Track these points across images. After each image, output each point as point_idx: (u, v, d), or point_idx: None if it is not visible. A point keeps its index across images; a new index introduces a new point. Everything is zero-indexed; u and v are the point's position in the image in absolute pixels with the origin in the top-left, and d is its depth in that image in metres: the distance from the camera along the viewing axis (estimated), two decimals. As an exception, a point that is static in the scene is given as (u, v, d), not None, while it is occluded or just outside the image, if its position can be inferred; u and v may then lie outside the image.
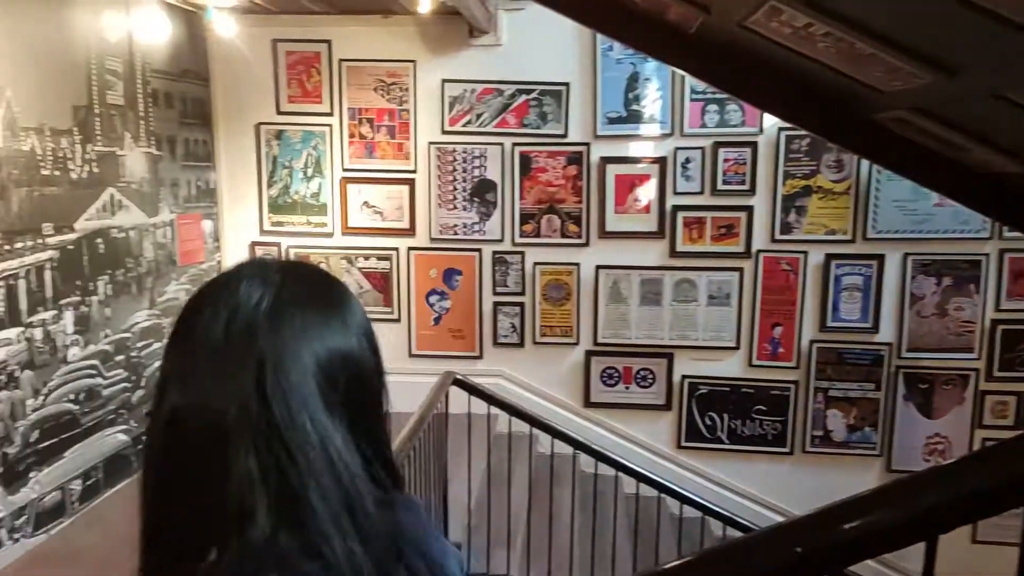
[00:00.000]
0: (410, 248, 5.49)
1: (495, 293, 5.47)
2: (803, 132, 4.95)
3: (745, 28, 1.63)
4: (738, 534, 4.14)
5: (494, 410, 4.04)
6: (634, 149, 5.21)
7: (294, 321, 0.82)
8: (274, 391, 0.78)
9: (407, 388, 3.35)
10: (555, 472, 4.42)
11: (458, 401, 3.95)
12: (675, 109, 5.13)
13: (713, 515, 4.10)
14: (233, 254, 5.59)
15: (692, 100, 5.10)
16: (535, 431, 4.03)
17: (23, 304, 3.60)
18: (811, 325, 5.27)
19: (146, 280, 4.63)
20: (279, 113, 5.42)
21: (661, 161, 5.18)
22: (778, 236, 5.18)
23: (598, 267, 5.34)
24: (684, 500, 4.02)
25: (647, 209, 5.25)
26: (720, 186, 5.15)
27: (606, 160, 5.22)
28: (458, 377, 3.84)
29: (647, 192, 5.23)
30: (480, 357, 5.53)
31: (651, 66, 5.08)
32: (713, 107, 5.09)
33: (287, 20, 5.26)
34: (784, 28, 1.52)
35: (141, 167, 4.57)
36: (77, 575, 3.46)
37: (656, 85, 5.12)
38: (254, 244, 5.59)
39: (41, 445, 3.72)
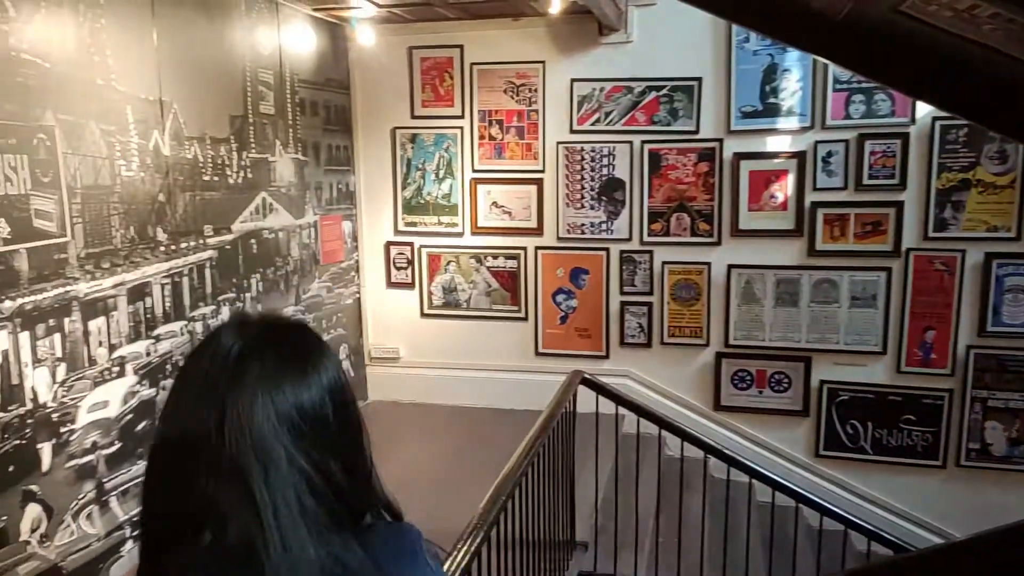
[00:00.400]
0: (537, 247, 5.53)
1: (622, 292, 5.42)
2: (961, 121, 4.58)
3: (901, 13, 1.53)
4: (884, 551, 3.89)
5: (621, 410, 4.00)
6: (771, 144, 5.00)
7: (254, 370, 0.95)
8: (231, 428, 0.91)
9: (533, 386, 3.40)
10: (684, 476, 4.32)
11: (584, 401, 3.94)
12: (816, 100, 4.88)
13: (857, 529, 3.87)
14: (370, 253, 5.86)
15: (835, 91, 4.83)
16: (664, 433, 3.96)
17: (186, 300, 3.93)
18: (968, 329, 4.86)
19: (292, 278, 4.94)
20: (413, 117, 5.62)
21: (800, 155, 4.95)
22: (931, 234, 4.82)
23: (730, 266, 5.17)
24: (824, 511, 3.81)
25: (783, 206, 5.03)
26: (865, 181, 4.85)
27: (740, 156, 5.04)
28: (586, 376, 3.83)
29: (784, 188, 5.01)
30: (606, 357, 5.50)
31: (791, 56, 4.86)
32: (859, 97, 4.80)
33: (422, 27, 5.44)
34: (944, 11, 1.41)
35: (289, 172, 4.87)
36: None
37: (796, 76, 4.89)
38: (389, 244, 5.82)
39: (201, 429, 4.04)
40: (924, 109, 4.69)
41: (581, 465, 4.03)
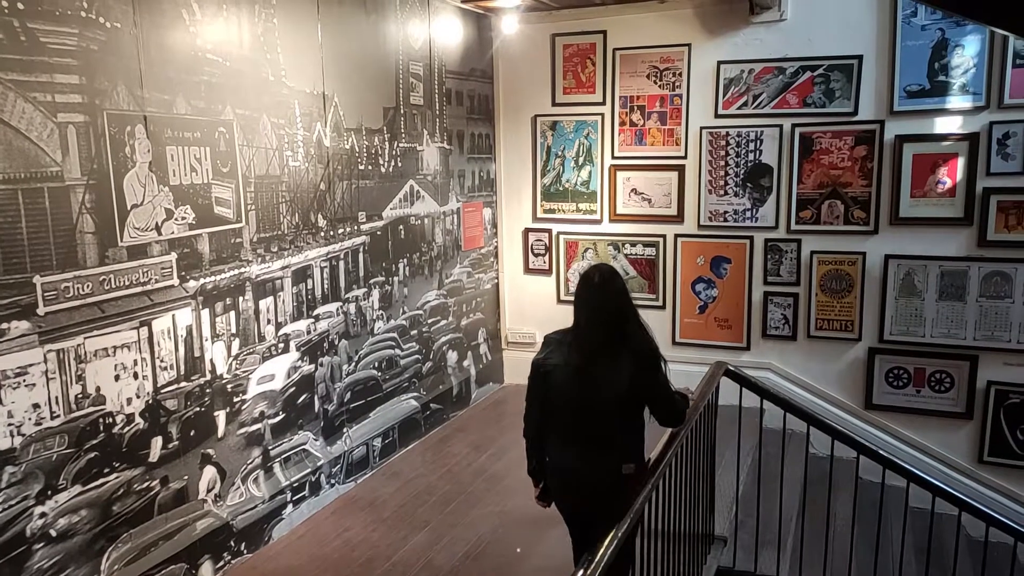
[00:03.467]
0: (677, 235, 5.43)
1: (766, 283, 5.23)
2: None
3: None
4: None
5: (764, 404, 3.86)
6: (939, 125, 4.65)
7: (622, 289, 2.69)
8: (612, 304, 2.64)
9: (672, 376, 3.35)
10: (832, 476, 4.12)
11: (725, 393, 3.84)
12: (993, 78, 4.49)
13: (1029, 544, 3.56)
14: (509, 240, 5.96)
15: (1016, 66, 4.42)
16: (811, 430, 3.79)
17: (342, 282, 4.17)
18: None
19: (436, 263, 5.12)
20: (554, 105, 5.65)
21: (972, 138, 4.57)
22: None
23: (887, 256, 4.86)
24: (991, 521, 3.53)
25: (951, 193, 4.67)
26: (1049, 165, 4.42)
27: (903, 139, 4.72)
28: (730, 368, 3.73)
29: (952, 173, 4.64)
30: (747, 348, 5.33)
31: (964, 31, 4.48)
32: (1044, 72, 4.37)
33: (565, 15, 5.45)
34: None
35: (435, 160, 5.04)
36: (378, 520, 3.95)
37: (970, 51, 4.51)
38: (527, 230, 5.90)
39: (352, 405, 4.29)
40: (1124, 84, 4.20)
41: (720, 458, 3.94)
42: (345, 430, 4.24)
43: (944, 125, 4.64)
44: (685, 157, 5.32)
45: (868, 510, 3.83)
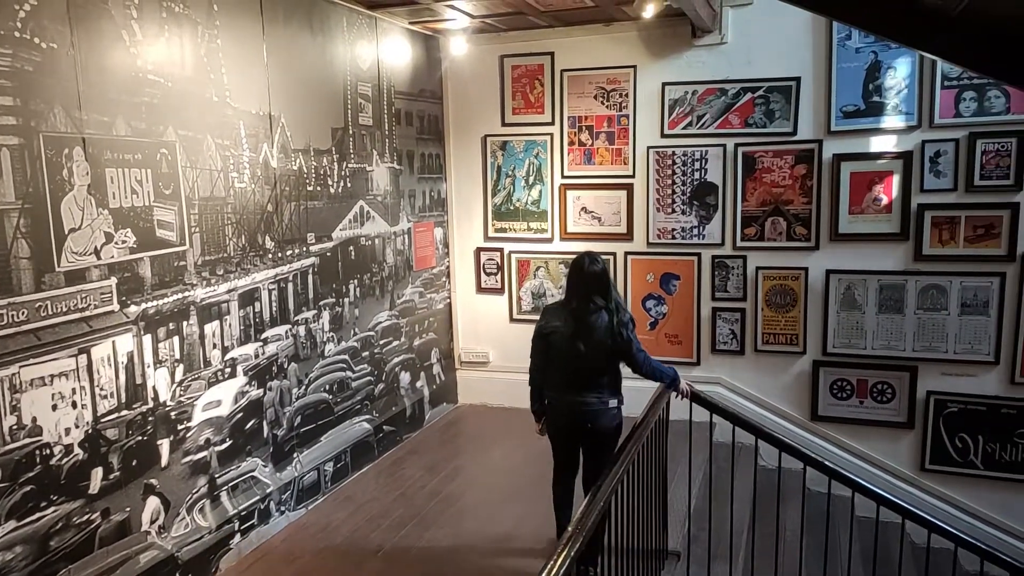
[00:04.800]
0: (627, 253, 5.51)
1: (714, 298, 5.33)
2: (1086, 117, 4.30)
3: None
4: (999, 572, 3.68)
5: (714, 419, 3.92)
6: (874, 144, 4.82)
7: (604, 270, 3.44)
8: (597, 280, 3.40)
9: (623, 393, 3.41)
10: (780, 488, 4.19)
11: (676, 407, 3.89)
12: (923, 98, 4.68)
13: (969, 547, 3.67)
14: (461, 259, 5.97)
15: (944, 88, 4.62)
16: (759, 443, 3.86)
17: (291, 304, 4.11)
18: (1093, 339, 4.55)
19: (387, 284, 5.09)
20: (504, 125, 5.70)
21: (906, 156, 4.75)
22: (1051, 237, 4.54)
23: (828, 271, 5.01)
24: (933, 528, 3.63)
25: (887, 209, 4.84)
26: (977, 182, 4.61)
27: (840, 157, 4.88)
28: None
29: (888, 191, 4.82)
30: (697, 363, 5.41)
31: (895, 53, 4.67)
32: (970, 94, 4.57)
33: (513, 36, 5.51)
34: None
35: (385, 181, 5.03)
36: (329, 547, 3.88)
37: (901, 73, 4.70)
38: (479, 250, 5.91)
39: (303, 429, 4.22)
40: (1043, 105, 4.43)
41: (672, 473, 3.98)
42: (295, 455, 4.16)
43: (879, 144, 4.82)
44: (633, 176, 5.41)
45: (816, 520, 3.91)
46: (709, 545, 3.79)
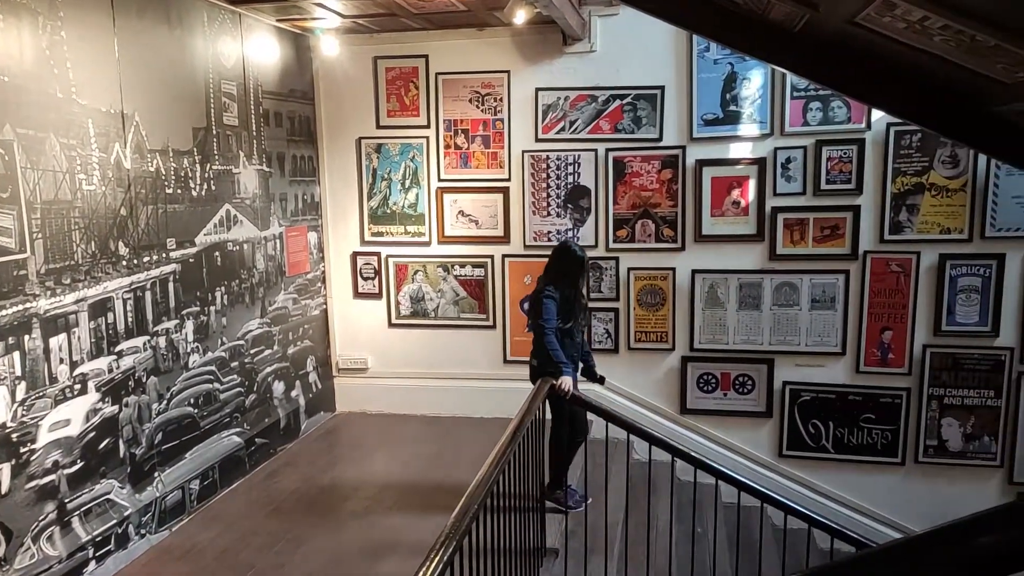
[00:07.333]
0: (505, 255, 5.56)
1: (589, 299, 5.45)
2: (914, 127, 4.73)
3: (855, 24, 1.58)
4: (848, 548, 3.97)
5: (590, 416, 4.02)
6: (732, 151, 5.11)
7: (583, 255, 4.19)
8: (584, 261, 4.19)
9: (502, 394, 3.43)
10: (652, 480, 4.36)
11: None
12: (775, 108, 5.00)
13: (820, 527, 3.94)
14: (337, 264, 5.82)
15: (793, 98, 4.96)
16: (632, 437, 3.99)
17: (149, 314, 3.87)
18: (924, 329, 5.01)
19: (258, 290, 4.89)
20: (379, 127, 5.61)
21: (760, 162, 5.06)
22: (887, 236, 4.96)
23: (694, 271, 5.25)
24: (788, 511, 3.88)
25: (745, 211, 5.13)
26: (823, 186, 4.98)
27: (702, 163, 5.14)
28: (554, 383, 3.85)
29: (745, 194, 5.12)
30: (575, 363, 5.53)
31: (749, 65, 4.97)
32: (816, 104, 4.93)
33: (387, 38, 5.44)
34: (898, 23, 1.47)
35: (254, 184, 4.83)
36: (196, 569, 3.67)
37: (755, 84, 5.01)
38: (355, 254, 5.80)
39: (165, 447, 3.98)
40: (879, 116, 4.84)
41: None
42: (156, 474, 3.92)
43: (737, 150, 5.11)
44: (509, 180, 5.47)
45: (685, 508, 4.09)
46: (585, 540, 3.87)
